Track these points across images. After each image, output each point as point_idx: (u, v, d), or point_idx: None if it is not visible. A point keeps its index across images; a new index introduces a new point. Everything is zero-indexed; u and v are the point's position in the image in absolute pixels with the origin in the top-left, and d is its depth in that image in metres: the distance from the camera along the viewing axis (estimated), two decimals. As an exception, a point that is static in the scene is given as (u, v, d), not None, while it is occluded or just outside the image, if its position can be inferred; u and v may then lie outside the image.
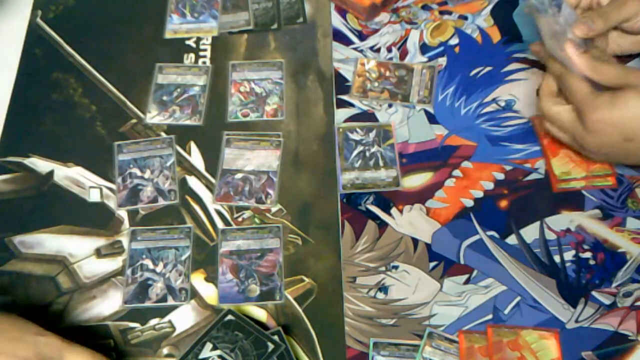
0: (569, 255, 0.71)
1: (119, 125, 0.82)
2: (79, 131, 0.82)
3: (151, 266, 0.72)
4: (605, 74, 0.66)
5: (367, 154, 0.78)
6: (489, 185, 0.76)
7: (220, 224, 0.75)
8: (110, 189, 0.78)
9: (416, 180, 0.77)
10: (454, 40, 0.87)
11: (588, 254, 0.71)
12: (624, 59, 0.77)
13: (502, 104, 0.81)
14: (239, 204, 0.76)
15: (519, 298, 0.69)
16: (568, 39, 0.67)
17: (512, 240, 0.72)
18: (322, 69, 0.86)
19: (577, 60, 0.66)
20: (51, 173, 0.79)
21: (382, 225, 0.74)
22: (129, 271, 0.72)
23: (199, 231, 0.75)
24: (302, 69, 0.86)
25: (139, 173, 0.78)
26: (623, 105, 0.64)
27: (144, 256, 0.73)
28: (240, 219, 0.75)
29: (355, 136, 0.79)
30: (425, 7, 0.90)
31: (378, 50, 0.87)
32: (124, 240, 0.74)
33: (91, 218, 0.76)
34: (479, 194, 0.75)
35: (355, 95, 0.83)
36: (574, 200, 0.74)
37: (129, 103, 0.84)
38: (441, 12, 0.89)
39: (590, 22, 0.67)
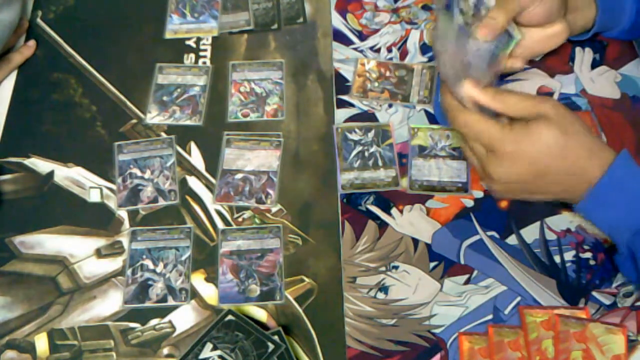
0: (569, 255, 0.71)
1: (119, 126, 0.82)
2: (79, 131, 0.82)
3: (151, 266, 0.72)
4: (513, 105, 0.65)
5: (366, 154, 0.78)
6: (489, 185, 0.76)
7: (220, 224, 0.75)
8: (111, 189, 0.78)
9: (416, 181, 0.77)
10: (454, 40, 0.86)
11: (588, 254, 0.71)
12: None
13: (502, 104, 0.81)
14: (239, 204, 0.76)
15: (519, 298, 0.69)
16: (469, 76, 0.65)
17: (512, 240, 0.72)
18: (322, 69, 0.86)
19: (480, 95, 0.65)
20: (51, 173, 0.79)
21: (382, 226, 0.74)
22: (129, 271, 0.72)
23: (199, 231, 0.75)
24: (302, 69, 0.86)
25: (139, 173, 0.78)
26: (537, 139, 0.62)
27: (144, 256, 0.73)
28: (240, 219, 0.75)
29: (353, 136, 0.79)
30: (425, 7, 0.90)
31: (378, 51, 0.87)
32: (124, 240, 0.74)
33: (91, 218, 0.76)
34: (479, 194, 0.75)
35: (355, 95, 0.83)
36: (574, 200, 0.74)
37: (129, 103, 0.84)
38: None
39: (491, 20, 0.65)
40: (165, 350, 0.68)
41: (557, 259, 0.71)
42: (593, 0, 0.75)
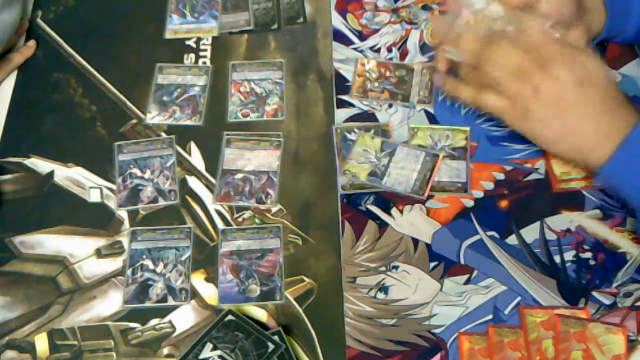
0: (569, 255, 0.71)
1: (119, 126, 0.82)
2: (79, 131, 0.82)
3: (151, 266, 0.72)
4: None
5: (367, 154, 0.78)
6: (489, 186, 0.76)
7: (220, 224, 0.75)
8: (111, 189, 0.78)
9: (416, 181, 0.77)
10: (454, 40, 0.86)
11: (588, 254, 0.71)
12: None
13: (502, 104, 0.81)
14: (239, 204, 0.76)
15: (519, 298, 0.69)
16: None
17: (512, 240, 0.72)
18: (322, 69, 0.86)
19: None
20: (51, 173, 0.79)
21: (383, 226, 0.74)
22: (129, 271, 0.72)
23: (199, 231, 0.75)
24: (302, 69, 0.86)
25: (139, 173, 0.78)
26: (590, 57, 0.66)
27: (144, 256, 0.73)
28: (240, 219, 0.75)
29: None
30: (425, 7, 0.90)
31: (378, 51, 0.87)
32: (124, 240, 0.74)
33: (91, 218, 0.76)
34: (479, 194, 0.75)
35: (355, 95, 0.83)
36: (574, 200, 0.74)
37: (129, 103, 0.84)
38: (441, 12, 0.89)
39: None
40: (165, 350, 0.68)
41: (557, 259, 0.71)
42: (603, 5, 0.75)
